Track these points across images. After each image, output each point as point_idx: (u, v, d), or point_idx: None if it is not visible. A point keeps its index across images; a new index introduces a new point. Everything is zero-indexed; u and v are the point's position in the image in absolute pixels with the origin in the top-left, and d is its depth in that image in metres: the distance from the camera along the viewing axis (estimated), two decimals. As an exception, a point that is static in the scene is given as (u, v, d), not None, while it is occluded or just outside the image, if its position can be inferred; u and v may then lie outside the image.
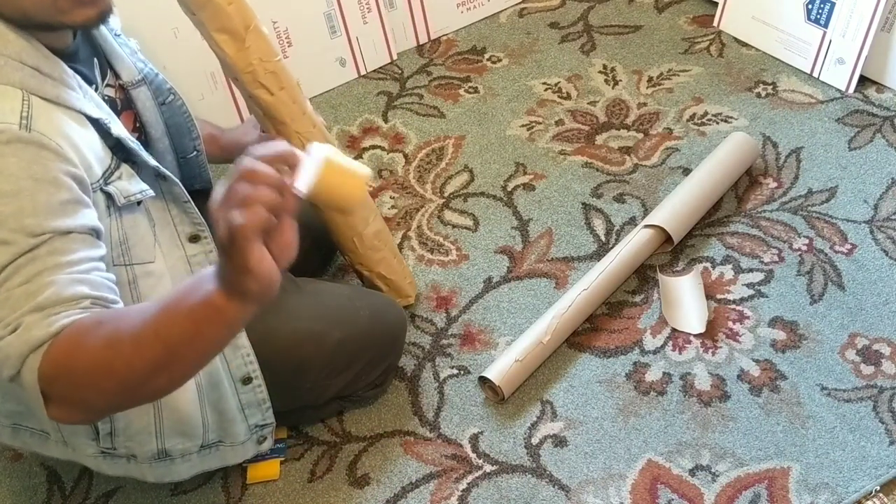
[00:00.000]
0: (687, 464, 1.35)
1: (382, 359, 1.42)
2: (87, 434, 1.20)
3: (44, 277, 0.88)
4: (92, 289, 0.91)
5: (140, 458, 1.23)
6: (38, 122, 0.93)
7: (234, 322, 0.86)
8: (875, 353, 1.45)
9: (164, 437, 1.21)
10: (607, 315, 1.56)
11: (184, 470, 1.27)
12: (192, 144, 1.30)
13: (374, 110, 2.02)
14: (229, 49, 1.29)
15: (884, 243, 1.61)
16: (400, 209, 1.79)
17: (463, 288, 1.63)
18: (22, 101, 0.93)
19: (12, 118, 0.91)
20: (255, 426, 1.29)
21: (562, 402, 1.45)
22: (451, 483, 1.36)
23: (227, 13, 1.26)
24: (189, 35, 1.85)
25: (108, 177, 1.02)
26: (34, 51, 0.96)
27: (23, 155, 0.90)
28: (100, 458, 1.23)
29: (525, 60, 2.11)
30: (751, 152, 1.75)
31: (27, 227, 0.89)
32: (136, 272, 1.08)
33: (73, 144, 0.96)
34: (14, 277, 0.88)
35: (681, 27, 2.15)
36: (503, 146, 1.90)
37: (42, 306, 0.87)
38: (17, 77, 0.94)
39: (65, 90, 0.98)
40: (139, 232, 1.09)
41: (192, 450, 1.25)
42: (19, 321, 0.87)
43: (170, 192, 1.14)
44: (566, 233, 1.71)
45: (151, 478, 1.26)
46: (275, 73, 1.33)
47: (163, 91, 1.23)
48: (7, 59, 0.94)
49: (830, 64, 1.92)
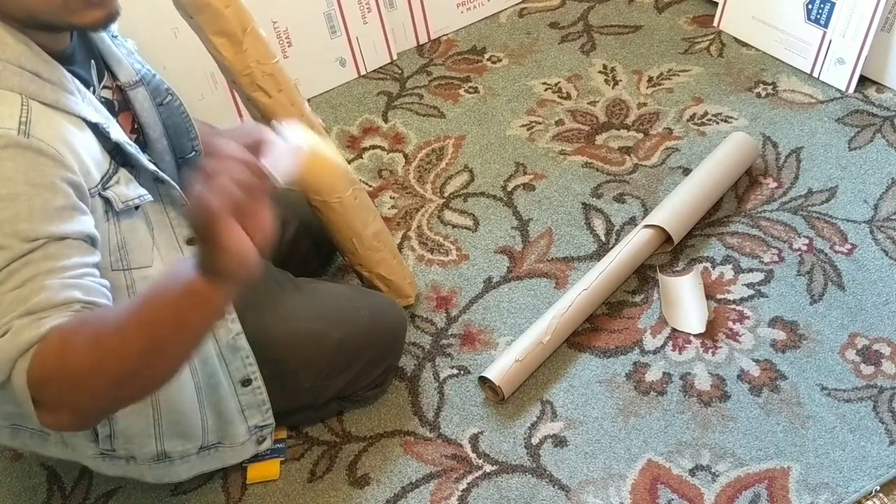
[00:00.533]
0: (687, 464, 1.35)
1: (382, 359, 1.42)
2: (86, 436, 1.20)
3: (36, 282, 0.88)
4: (84, 293, 0.91)
5: (139, 459, 1.23)
6: (37, 127, 0.93)
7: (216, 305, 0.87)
8: (875, 353, 1.45)
9: (164, 439, 1.21)
10: (607, 315, 1.56)
11: (183, 471, 1.27)
12: (191, 145, 1.30)
13: (374, 110, 2.02)
14: (227, 52, 1.30)
15: (884, 243, 1.61)
16: (400, 209, 1.79)
17: (463, 288, 1.63)
18: (21, 107, 0.93)
19: (10, 123, 0.91)
20: (254, 427, 1.29)
21: (562, 402, 1.45)
22: (451, 483, 1.36)
23: (225, 16, 1.27)
24: (189, 35, 1.85)
25: (106, 182, 1.02)
26: (33, 55, 0.96)
27: (20, 160, 0.90)
28: (99, 458, 1.23)
29: (525, 60, 2.11)
30: (751, 152, 1.75)
31: (22, 232, 0.89)
32: (134, 276, 1.08)
33: (71, 150, 0.96)
34: (7, 282, 0.88)
35: (681, 27, 2.15)
36: (503, 146, 1.90)
37: (32, 310, 0.87)
38: (16, 81, 0.94)
39: (63, 94, 0.98)
40: (137, 237, 1.08)
41: (191, 451, 1.25)
42: (9, 325, 0.86)
43: (168, 195, 1.14)
44: (566, 233, 1.71)
45: (150, 478, 1.27)
46: (273, 76, 1.33)
47: (160, 92, 1.22)
48: (6, 64, 0.93)
49: (830, 64, 1.92)
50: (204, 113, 1.61)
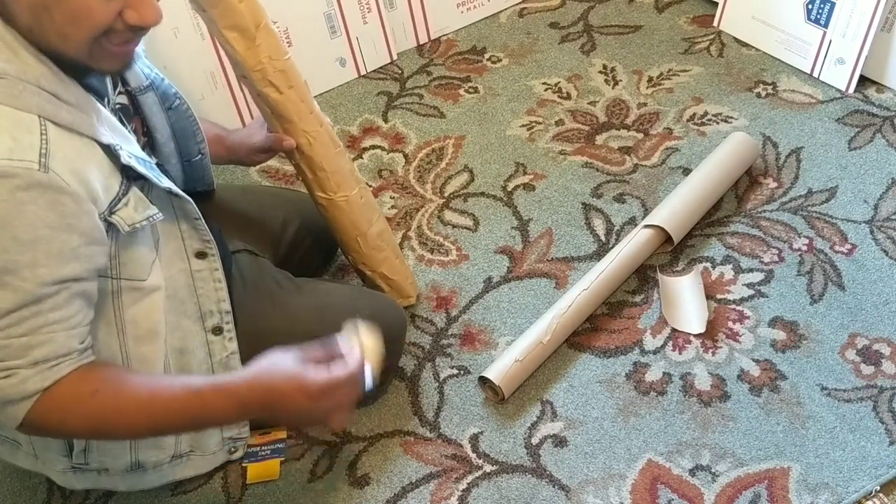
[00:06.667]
0: (687, 464, 1.35)
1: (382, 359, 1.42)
2: (59, 450, 1.21)
3: (43, 333, 0.95)
4: (80, 340, 1.00)
5: (112, 470, 1.24)
6: (55, 159, 0.93)
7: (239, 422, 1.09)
8: (875, 353, 1.45)
9: (138, 450, 1.22)
10: (607, 315, 1.56)
11: (155, 479, 1.28)
12: (197, 148, 1.30)
13: (374, 110, 2.02)
14: (239, 47, 1.29)
15: (884, 243, 1.61)
16: (400, 209, 1.79)
17: (463, 288, 1.63)
18: (40, 135, 0.93)
19: (32, 155, 0.91)
20: (228, 438, 1.30)
21: (562, 402, 1.45)
22: (451, 483, 1.36)
23: (239, 11, 1.27)
24: (189, 35, 1.86)
25: (113, 206, 1.02)
26: (52, 76, 0.96)
27: (41, 202, 0.92)
28: (69, 472, 1.24)
29: (525, 60, 2.11)
30: (751, 152, 1.75)
31: (39, 277, 0.93)
32: (122, 286, 1.09)
33: (83, 179, 0.96)
34: (17, 327, 0.93)
35: (681, 27, 2.15)
36: (503, 146, 1.90)
37: (37, 361, 0.95)
38: (35, 102, 0.94)
39: (79, 116, 0.98)
40: (135, 253, 1.08)
41: (164, 460, 1.26)
42: (16, 371, 0.95)
43: (181, 208, 1.14)
44: (566, 233, 1.71)
45: (123, 487, 1.28)
46: (284, 72, 1.33)
47: (169, 96, 1.23)
48: (26, 85, 0.93)
49: (830, 64, 1.92)
50: (204, 113, 1.61)
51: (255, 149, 1.44)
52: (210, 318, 1.21)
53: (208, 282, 1.20)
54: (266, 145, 1.42)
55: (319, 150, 1.40)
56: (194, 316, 1.20)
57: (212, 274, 1.20)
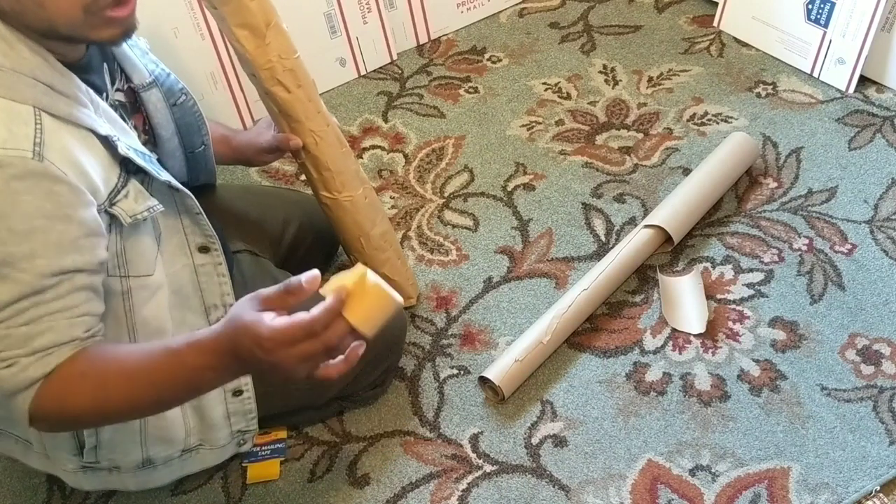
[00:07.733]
0: (687, 464, 1.35)
1: (382, 359, 1.41)
2: (69, 449, 1.20)
3: (44, 322, 0.94)
4: (85, 329, 0.97)
5: (123, 468, 1.24)
6: (50, 149, 0.92)
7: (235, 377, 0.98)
8: (875, 353, 1.45)
9: (148, 445, 1.21)
10: (607, 315, 1.56)
11: (165, 475, 1.28)
12: (201, 140, 1.30)
13: (374, 110, 2.02)
14: (249, 45, 1.29)
15: (884, 243, 1.61)
16: (400, 209, 1.79)
17: (463, 288, 1.63)
18: (34, 126, 0.92)
19: (25, 144, 0.91)
20: (237, 432, 1.30)
21: (562, 402, 1.45)
22: (451, 483, 1.36)
23: (250, 9, 1.26)
24: (189, 35, 1.86)
25: (113, 197, 1.02)
26: (48, 67, 0.96)
27: (37, 192, 0.91)
28: (79, 472, 1.24)
29: (525, 60, 2.11)
30: (751, 152, 1.75)
31: (38, 268, 0.92)
32: (132, 284, 1.08)
33: (81, 170, 0.96)
34: (17, 317, 0.92)
35: (681, 27, 2.15)
36: (503, 146, 1.90)
37: (37, 349, 0.94)
38: (30, 94, 0.93)
39: (76, 107, 0.98)
40: (140, 247, 1.08)
41: (174, 455, 1.25)
42: (16, 360, 0.93)
43: (182, 203, 1.14)
44: (566, 233, 1.71)
45: (133, 486, 1.28)
46: (293, 71, 1.33)
47: (174, 92, 1.22)
48: (20, 76, 0.93)
49: (830, 64, 1.92)
50: (204, 113, 1.61)
51: (262, 149, 1.44)
52: (214, 312, 1.21)
53: (212, 276, 1.20)
54: (273, 145, 1.42)
55: (326, 149, 1.40)
56: (199, 310, 1.20)
57: (215, 268, 1.20)
